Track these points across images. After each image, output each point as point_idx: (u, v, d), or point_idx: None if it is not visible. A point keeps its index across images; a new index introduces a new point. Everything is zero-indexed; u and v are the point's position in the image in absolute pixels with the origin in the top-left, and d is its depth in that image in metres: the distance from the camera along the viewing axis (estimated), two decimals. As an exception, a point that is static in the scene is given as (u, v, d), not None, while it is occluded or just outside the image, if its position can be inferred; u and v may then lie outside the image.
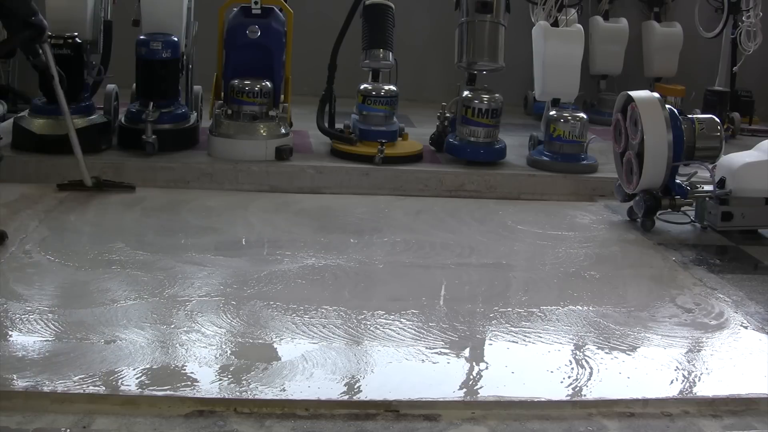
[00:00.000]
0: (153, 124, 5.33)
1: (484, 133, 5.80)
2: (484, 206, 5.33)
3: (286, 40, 5.69)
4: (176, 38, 5.49)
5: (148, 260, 4.00)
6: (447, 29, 6.44)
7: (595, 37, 7.78)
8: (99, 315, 3.37)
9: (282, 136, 5.55)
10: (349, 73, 6.16)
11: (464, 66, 5.90)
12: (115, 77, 5.75)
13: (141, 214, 4.71)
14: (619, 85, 7.36)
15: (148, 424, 2.67)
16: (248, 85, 5.48)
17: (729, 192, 4.88)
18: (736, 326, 3.69)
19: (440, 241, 4.57)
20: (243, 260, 4.13)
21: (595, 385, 3.09)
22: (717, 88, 7.70)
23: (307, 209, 5.01)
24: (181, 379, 2.92)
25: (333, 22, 6.02)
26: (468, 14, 5.80)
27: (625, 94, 5.14)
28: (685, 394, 3.10)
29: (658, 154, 4.85)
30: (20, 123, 5.32)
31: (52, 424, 2.64)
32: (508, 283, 4.06)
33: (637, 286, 4.17)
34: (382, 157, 5.56)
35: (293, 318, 3.48)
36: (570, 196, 5.63)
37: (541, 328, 3.55)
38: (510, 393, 2.99)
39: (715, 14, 7.77)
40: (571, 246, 4.63)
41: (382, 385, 2.99)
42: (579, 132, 5.84)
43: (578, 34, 6.13)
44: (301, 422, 2.74)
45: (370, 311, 3.60)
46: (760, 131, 7.59)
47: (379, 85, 5.92)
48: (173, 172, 5.31)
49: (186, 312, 3.46)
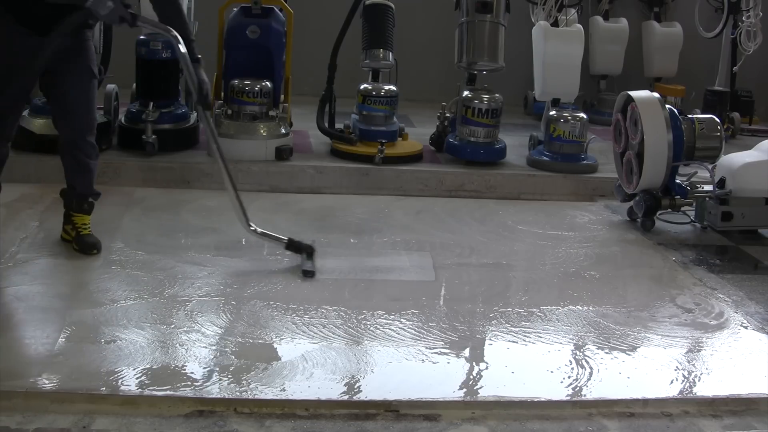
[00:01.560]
0: (153, 124, 5.33)
1: (484, 133, 5.80)
2: (484, 206, 5.33)
3: (286, 40, 5.69)
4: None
5: (148, 260, 4.00)
6: (447, 29, 6.43)
7: (595, 37, 7.78)
8: (99, 315, 3.37)
9: (282, 136, 5.56)
10: (349, 73, 6.16)
11: (464, 66, 5.90)
12: (115, 77, 5.75)
13: (141, 214, 4.71)
14: (619, 85, 7.35)
15: (148, 424, 2.67)
16: (248, 85, 5.48)
17: (729, 192, 4.88)
18: (736, 326, 3.69)
19: (440, 241, 4.57)
20: (243, 260, 4.13)
21: (595, 385, 3.09)
22: (717, 88, 7.70)
23: (307, 209, 5.01)
24: (181, 379, 2.92)
25: (333, 22, 6.02)
26: (468, 14, 5.80)
27: (625, 94, 5.14)
28: (685, 394, 3.10)
29: (658, 154, 4.85)
30: (20, 123, 5.30)
31: (52, 424, 2.64)
32: (508, 283, 4.06)
33: (637, 286, 4.17)
34: (382, 157, 5.56)
35: (293, 318, 3.48)
36: (570, 196, 5.63)
37: (541, 328, 3.55)
38: (510, 393, 2.99)
39: (715, 14, 7.76)
40: (571, 246, 4.63)
41: (382, 385, 2.99)
42: (579, 132, 5.84)
43: (578, 34, 6.13)
44: (301, 422, 2.74)
45: (370, 311, 3.60)
46: (760, 131, 7.58)
47: (379, 85, 5.92)
48: (173, 172, 5.31)
49: (186, 312, 3.46)
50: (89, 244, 4.02)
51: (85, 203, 4.06)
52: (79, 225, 4.06)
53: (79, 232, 4.05)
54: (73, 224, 4.07)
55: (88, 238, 4.04)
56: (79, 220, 4.06)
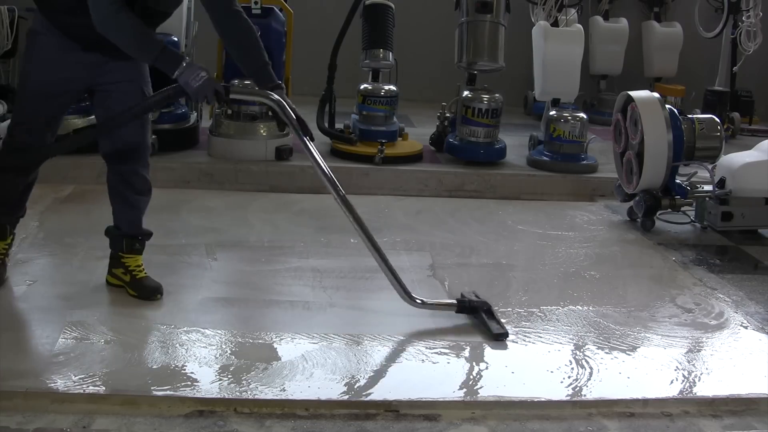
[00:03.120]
0: (153, 124, 5.33)
1: (484, 133, 5.80)
2: (484, 206, 5.33)
3: (286, 40, 5.69)
4: (176, 38, 5.49)
5: (148, 260, 3.99)
6: (447, 29, 6.44)
7: (595, 37, 7.79)
8: (99, 315, 3.37)
9: (282, 136, 5.55)
10: (349, 73, 6.16)
11: (464, 66, 5.90)
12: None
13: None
14: (619, 85, 7.35)
15: (148, 424, 2.67)
16: (248, 86, 5.46)
17: (729, 192, 4.88)
18: (736, 326, 3.69)
19: (440, 241, 4.57)
20: (243, 260, 4.13)
21: (595, 385, 3.09)
22: (717, 88, 7.70)
23: (307, 209, 5.01)
24: (181, 379, 2.92)
25: (333, 22, 6.03)
26: (468, 14, 5.80)
27: (625, 94, 5.14)
28: (685, 394, 3.09)
29: (658, 154, 4.85)
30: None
31: (52, 424, 2.64)
32: (508, 283, 4.06)
33: (637, 286, 4.17)
34: (382, 157, 5.56)
35: (293, 318, 3.48)
36: (570, 196, 5.63)
37: (541, 328, 3.55)
38: (510, 393, 2.99)
39: (715, 14, 7.77)
40: (571, 246, 4.63)
41: (382, 385, 3.00)
42: (579, 132, 5.85)
43: (578, 34, 6.13)
44: (301, 422, 2.74)
45: (370, 311, 3.59)
46: (760, 131, 7.59)
47: (379, 85, 5.93)
48: (173, 172, 5.31)
49: (186, 312, 3.46)
50: (152, 289, 3.57)
51: (137, 242, 3.61)
52: (132, 267, 3.60)
53: (135, 276, 3.58)
54: (126, 268, 3.60)
55: (148, 282, 3.59)
56: (132, 262, 3.61)
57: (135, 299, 3.55)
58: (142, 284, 3.57)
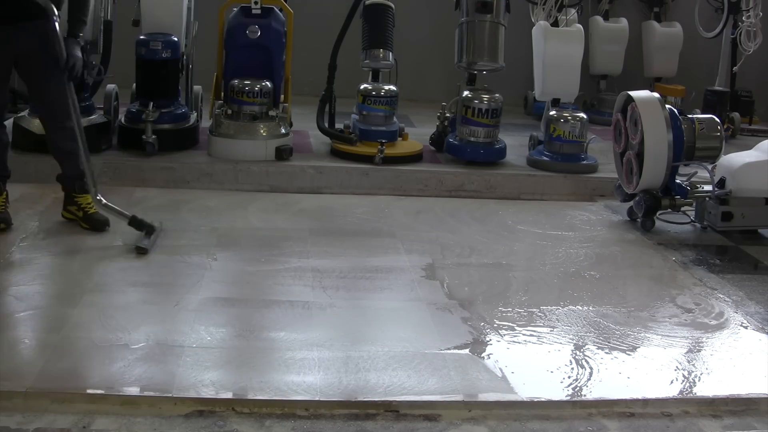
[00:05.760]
0: (153, 124, 5.34)
1: (484, 133, 5.80)
2: (484, 206, 5.33)
3: (286, 40, 5.69)
4: (176, 38, 5.49)
5: (148, 260, 4.00)
6: (447, 29, 6.43)
7: (595, 37, 7.78)
8: (99, 315, 3.37)
9: (282, 136, 5.56)
10: (349, 73, 6.16)
11: (464, 66, 5.90)
12: (115, 77, 5.75)
13: (141, 214, 4.70)
14: (619, 85, 7.35)
15: (148, 424, 2.67)
16: (248, 85, 5.48)
17: (729, 192, 4.88)
18: (736, 326, 3.69)
19: (440, 241, 4.57)
20: (243, 260, 4.13)
21: (595, 385, 3.09)
22: (717, 88, 7.70)
23: (307, 209, 5.01)
24: (181, 379, 2.92)
25: (333, 22, 6.03)
26: (468, 14, 5.80)
27: (625, 94, 5.14)
28: (685, 394, 3.10)
29: (658, 154, 4.85)
30: (20, 123, 5.32)
31: (52, 424, 2.64)
32: (508, 283, 4.06)
33: (637, 286, 4.17)
34: (382, 157, 5.56)
35: (293, 318, 3.48)
36: (570, 196, 5.63)
37: (541, 328, 3.55)
38: (510, 393, 2.99)
39: (715, 14, 7.77)
40: (571, 246, 4.63)
41: (382, 385, 2.99)
42: (579, 132, 5.85)
43: (578, 34, 6.13)
44: (301, 422, 2.74)
45: (370, 311, 3.59)
46: (760, 131, 7.58)
47: (379, 85, 5.93)
48: (173, 172, 5.31)
49: (186, 312, 3.46)
50: (101, 222, 4.29)
51: (82, 182, 4.26)
52: (84, 205, 4.30)
53: (86, 212, 4.30)
54: (78, 205, 4.31)
55: (98, 216, 4.29)
56: (83, 200, 4.29)
57: (135, 298, 3.56)
58: (93, 218, 4.30)
